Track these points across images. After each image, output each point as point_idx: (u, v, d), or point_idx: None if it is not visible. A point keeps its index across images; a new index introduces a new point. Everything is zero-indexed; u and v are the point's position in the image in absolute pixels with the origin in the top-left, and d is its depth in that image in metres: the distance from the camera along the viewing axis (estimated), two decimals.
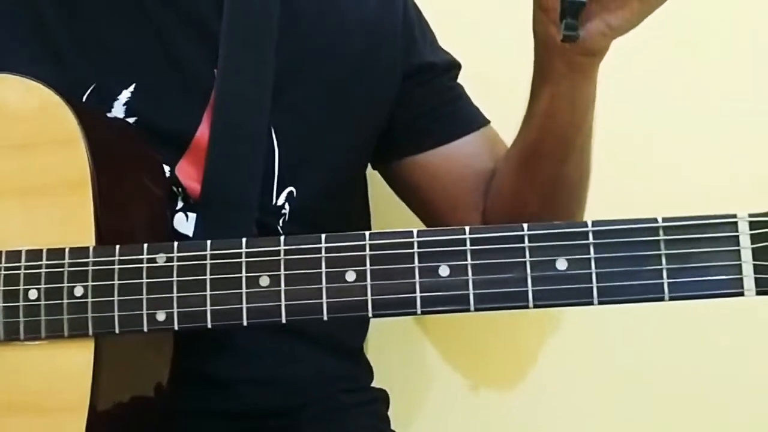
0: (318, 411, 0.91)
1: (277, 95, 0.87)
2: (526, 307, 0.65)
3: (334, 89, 0.90)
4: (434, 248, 0.67)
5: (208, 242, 0.71)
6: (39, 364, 0.73)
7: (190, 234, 0.85)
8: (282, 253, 0.69)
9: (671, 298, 0.63)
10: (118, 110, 0.85)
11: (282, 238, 0.70)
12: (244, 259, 0.70)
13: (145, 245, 0.72)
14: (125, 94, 0.86)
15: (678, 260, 0.63)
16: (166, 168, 0.84)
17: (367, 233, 0.69)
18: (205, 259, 0.70)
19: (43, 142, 0.75)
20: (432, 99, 0.95)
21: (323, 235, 0.69)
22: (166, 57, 0.87)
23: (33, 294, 0.73)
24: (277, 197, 0.88)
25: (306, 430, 0.90)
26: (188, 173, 0.85)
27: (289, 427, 0.90)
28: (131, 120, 0.85)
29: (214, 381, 0.86)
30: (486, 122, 0.97)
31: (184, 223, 0.85)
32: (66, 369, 0.72)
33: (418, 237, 0.67)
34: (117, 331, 0.71)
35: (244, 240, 0.70)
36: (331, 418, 0.91)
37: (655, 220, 0.64)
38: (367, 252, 0.68)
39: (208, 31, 0.87)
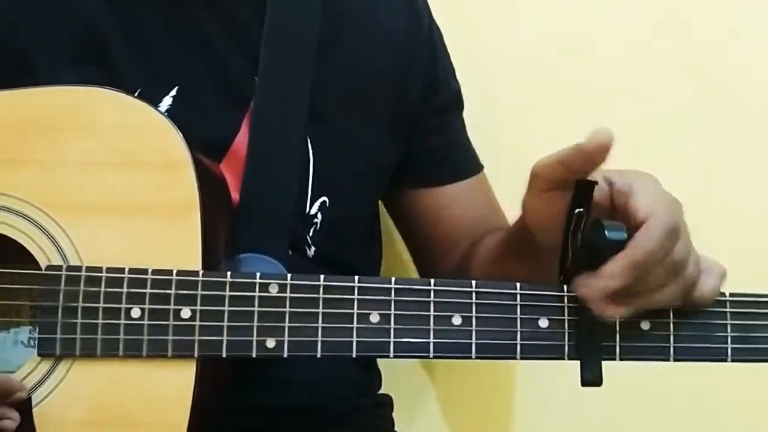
0: (337, 412, 0.96)
1: (313, 105, 0.90)
2: (613, 359, 0.75)
3: (365, 104, 0.94)
4: (535, 302, 0.75)
5: (321, 276, 0.75)
6: (136, 382, 0.74)
7: None
8: (393, 292, 0.75)
9: (733, 361, 0.75)
10: None
11: (393, 279, 0.75)
12: (356, 296, 0.75)
13: (258, 274, 0.75)
14: (167, 100, 0.87)
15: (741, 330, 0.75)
16: None
17: (473, 282, 0.76)
18: (318, 293, 0.75)
19: (150, 162, 0.76)
20: (441, 138, 1.01)
21: (432, 280, 0.75)
22: (208, 63, 0.89)
23: (136, 313, 0.74)
24: (311, 206, 0.91)
25: (326, 429, 0.95)
26: (228, 180, 0.87)
27: (310, 426, 0.94)
28: None
29: (245, 379, 0.89)
30: (482, 167, 1.05)
31: None
32: (166, 388, 0.74)
33: (520, 290, 0.75)
34: (224, 355, 0.74)
35: (356, 277, 0.75)
36: (349, 420, 0.97)
37: (723, 294, 0.76)
38: (474, 300, 0.75)
39: (250, 39, 0.89)
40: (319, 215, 0.92)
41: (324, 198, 0.91)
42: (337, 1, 0.94)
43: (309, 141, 0.90)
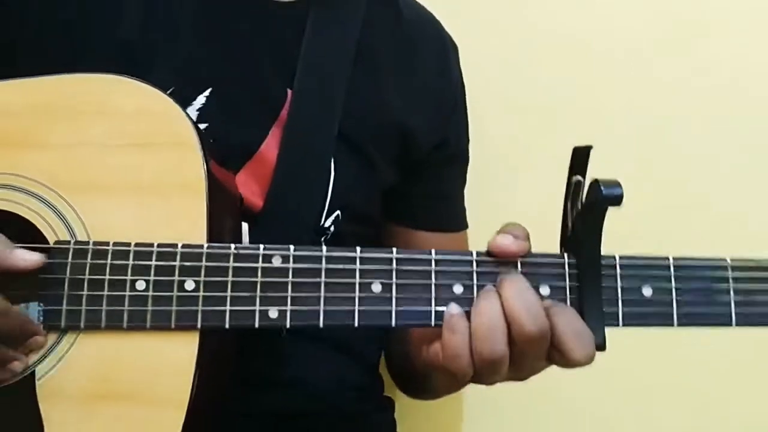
0: (339, 416, 0.95)
1: (341, 126, 0.93)
2: (616, 325, 0.75)
3: (384, 135, 0.97)
4: (537, 270, 0.76)
5: (324, 248, 0.76)
6: (140, 354, 0.74)
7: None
8: (394, 262, 0.76)
9: (737, 325, 0.75)
10: (191, 114, 0.88)
11: (394, 249, 0.76)
12: (358, 266, 0.76)
13: (261, 246, 0.76)
14: (200, 99, 0.90)
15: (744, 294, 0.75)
16: None
17: (474, 251, 0.76)
18: (320, 263, 0.76)
19: (158, 143, 0.79)
20: (435, 186, 1.04)
21: (433, 250, 0.76)
22: (242, 69, 0.92)
23: (141, 285, 0.75)
24: (326, 219, 0.94)
25: (336, 428, 0.95)
26: (247, 184, 0.90)
27: (313, 429, 0.93)
28: (202, 126, 0.89)
29: (246, 381, 0.89)
30: (466, 226, 1.08)
31: None
32: (169, 361, 0.74)
33: (521, 258, 0.76)
34: (227, 325, 0.74)
35: (358, 248, 0.76)
36: (351, 423, 0.96)
37: (725, 260, 0.76)
38: (474, 269, 0.76)
39: (287, 53, 0.93)
40: (332, 228, 0.94)
41: (338, 212, 0.94)
42: (377, 36, 0.98)
43: (333, 159, 0.93)
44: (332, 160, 0.93)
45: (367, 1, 0.98)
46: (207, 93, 0.90)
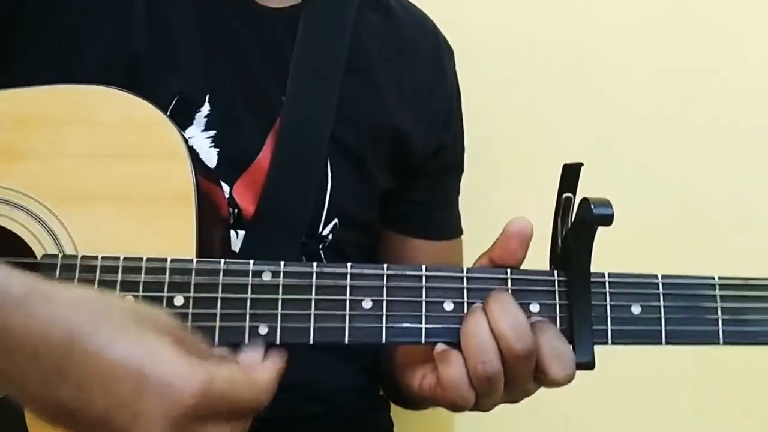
0: (336, 416, 0.96)
1: (335, 129, 0.92)
2: (605, 343, 0.75)
3: (378, 139, 0.96)
4: (525, 287, 0.76)
5: (314, 264, 0.76)
6: None
7: (237, 251, 0.88)
8: (385, 279, 0.76)
9: (725, 344, 0.76)
10: (199, 122, 0.88)
11: (385, 265, 0.76)
12: (348, 282, 0.75)
13: (251, 261, 0.76)
14: (206, 107, 0.89)
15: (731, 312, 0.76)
16: (225, 186, 0.88)
17: (464, 267, 0.76)
18: (311, 278, 0.75)
19: (147, 155, 0.78)
20: (430, 194, 1.04)
21: (423, 266, 0.76)
22: (241, 78, 0.91)
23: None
24: (324, 227, 0.93)
25: (335, 430, 0.95)
26: (243, 194, 0.89)
27: (309, 430, 0.94)
28: (211, 133, 0.88)
29: None
30: (461, 233, 1.08)
31: (234, 240, 0.89)
32: None
33: (511, 275, 0.76)
34: (216, 342, 0.74)
35: (348, 264, 0.76)
36: (347, 423, 0.97)
37: (713, 278, 0.77)
38: (465, 285, 0.76)
39: (282, 58, 0.92)
40: (330, 236, 0.94)
41: (336, 221, 0.94)
42: (370, 40, 0.97)
43: (329, 164, 0.93)
44: (329, 165, 0.93)
45: (358, 4, 0.96)
46: (208, 100, 0.89)
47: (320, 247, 0.94)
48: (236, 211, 0.89)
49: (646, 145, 1.19)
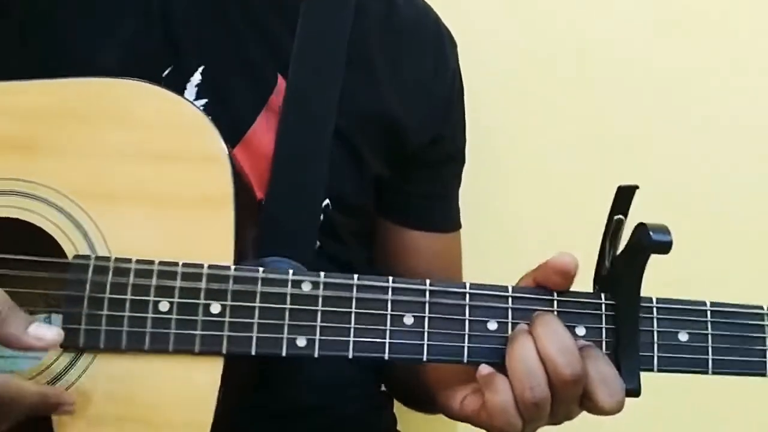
0: (339, 412, 0.94)
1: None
2: (651, 370, 0.73)
3: (376, 128, 0.94)
4: (573, 309, 0.74)
5: (355, 276, 0.73)
6: (160, 378, 0.71)
7: None
8: (427, 294, 0.73)
9: None
10: (190, 92, 0.87)
11: (427, 281, 0.74)
12: (390, 297, 0.73)
13: (291, 270, 0.73)
14: (197, 76, 0.88)
15: None
16: None
17: (509, 286, 0.74)
18: (351, 291, 0.73)
19: (184, 156, 0.75)
20: (429, 185, 1.02)
21: (467, 282, 0.74)
22: (235, 52, 0.89)
23: (164, 306, 0.72)
24: None
25: (328, 429, 0.93)
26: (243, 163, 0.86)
27: (312, 426, 0.92)
28: (202, 101, 0.86)
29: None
30: (460, 226, 1.06)
31: None
32: (190, 386, 0.71)
33: (557, 297, 0.74)
34: (253, 352, 0.72)
35: (390, 278, 0.74)
36: (351, 420, 0.95)
37: (761, 308, 0.75)
38: (509, 305, 0.74)
39: (279, 43, 0.90)
40: (321, 216, 0.91)
41: (327, 201, 0.92)
42: (369, 28, 0.95)
43: None
44: None
45: None
46: (200, 70, 0.88)
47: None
48: None
49: (647, 139, 1.18)
